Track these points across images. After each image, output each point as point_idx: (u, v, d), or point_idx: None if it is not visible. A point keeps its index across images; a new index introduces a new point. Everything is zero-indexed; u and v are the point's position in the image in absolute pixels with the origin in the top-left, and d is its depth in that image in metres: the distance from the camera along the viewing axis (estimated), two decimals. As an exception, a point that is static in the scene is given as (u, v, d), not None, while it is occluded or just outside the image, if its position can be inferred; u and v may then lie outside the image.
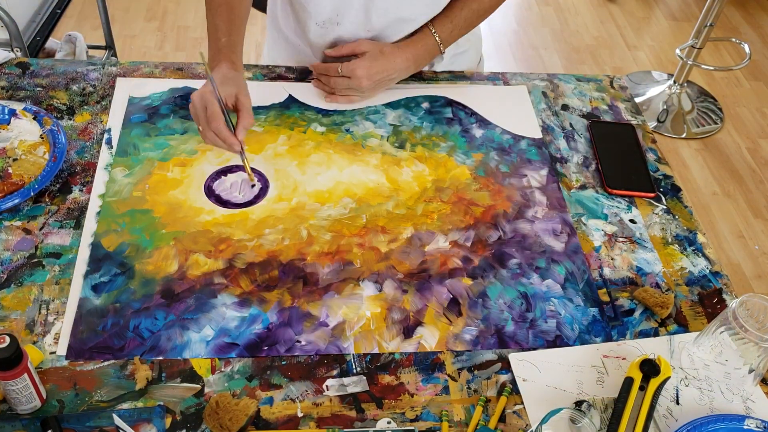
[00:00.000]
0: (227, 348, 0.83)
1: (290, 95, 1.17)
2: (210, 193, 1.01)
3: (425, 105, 1.19)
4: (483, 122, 1.17)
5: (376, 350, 0.85)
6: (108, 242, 0.93)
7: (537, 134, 1.16)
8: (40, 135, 1.04)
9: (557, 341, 0.88)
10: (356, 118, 1.15)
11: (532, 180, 1.08)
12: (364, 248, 0.96)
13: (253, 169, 1.04)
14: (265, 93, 1.17)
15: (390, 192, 1.04)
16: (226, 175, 1.03)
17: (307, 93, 1.18)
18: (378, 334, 0.87)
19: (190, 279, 0.90)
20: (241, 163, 1.03)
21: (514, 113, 1.20)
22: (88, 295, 0.87)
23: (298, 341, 0.85)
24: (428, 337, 0.87)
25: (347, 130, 1.13)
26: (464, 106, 1.19)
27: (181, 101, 1.14)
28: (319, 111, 1.15)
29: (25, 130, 1.04)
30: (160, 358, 0.82)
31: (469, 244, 0.98)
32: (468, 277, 0.94)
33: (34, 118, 1.06)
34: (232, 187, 1.02)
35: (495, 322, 0.89)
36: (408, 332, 0.87)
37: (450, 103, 1.20)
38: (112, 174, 1.01)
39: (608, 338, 0.89)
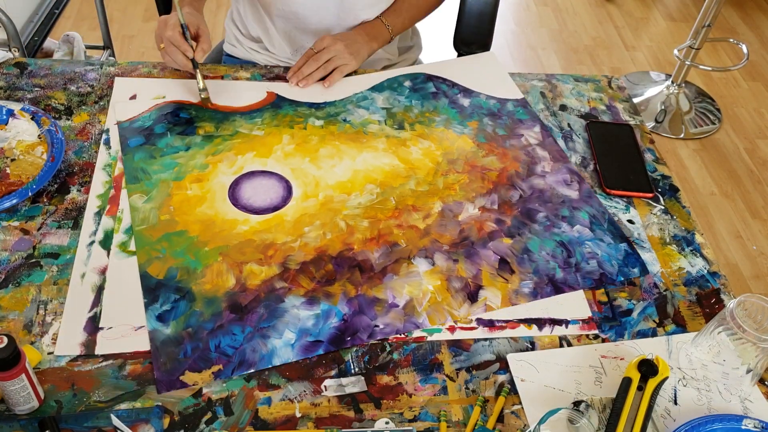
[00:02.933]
0: (312, 347, 0.84)
1: (278, 95, 1.18)
2: (237, 202, 1.00)
3: (408, 83, 1.23)
4: (466, 91, 1.23)
5: (449, 320, 0.89)
6: (155, 270, 0.91)
7: (518, 95, 1.23)
8: (38, 135, 1.04)
9: (603, 279, 0.95)
10: (348, 107, 1.17)
11: (529, 138, 1.15)
12: (403, 228, 0.99)
13: (274, 173, 1.05)
14: (245, 91, 1.19)
15: (407, 172, 1.07)
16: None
17: (291, 90, 1.20)
18: (446, 304, 0.90)
19: (252, 289, 0.90)
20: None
21: (490, 79, 1.26)
22: (156, 327, 0.85)
23: (377, 326, 0.87)
24: (492, 298, 0.91)
25: (345, 120, 1.15)
26: (444, 79, 1.25)
27: (172, 118, 1.13)
28: (311, 105, 1.17)
29: (22, 130, 1.04)
30: (252, 371, 0.82)
31: (496, 207, 1.03)
32: (507, 236, 0.99)
33: (32, 118, 1.05)
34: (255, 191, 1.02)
35: (545, 272, 0.95)
36: (473, 297, 0.91)
37: (429, 78, 1.24)
38: (132, 202, 0.99)
39: (644, 269, 0.97)
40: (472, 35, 1.40)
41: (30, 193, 0.96)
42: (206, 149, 1.08)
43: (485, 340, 0.88)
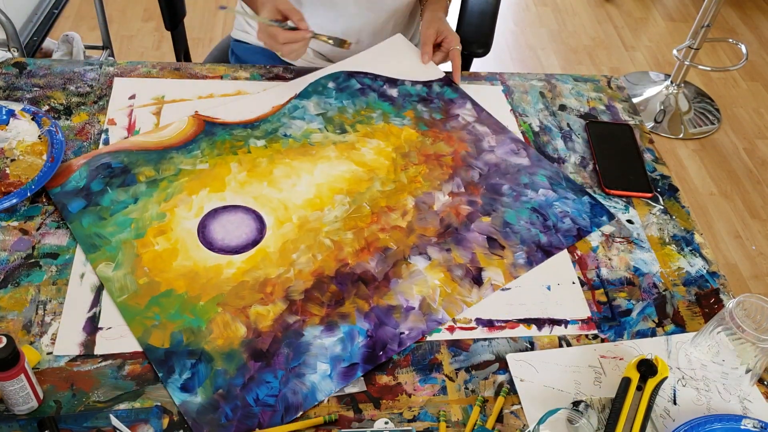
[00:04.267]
0: (350, 371, 0.82)
1: (206, 121, 1.11)
2: (212, 246, 0.94)
3: (331, 84, 1.21)
4: (390, 81, 1.22)
5: (464, 309, 0.90)
6: (157, 340, 0.84)
7: (440, 74, 1.24)
8: (39, 135, 1.04)
9: (580, 234, 1.01)
10: (283, 120, 1.13)
11: (465, 117, 1.17)
12: (387, 231, 0.98)
13: (239, 207, 0.99)
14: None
15: (368, 174, 1.06)
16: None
17: (217, 110, 1.14)
18: (457, 294, 0.92)
19: (267, 332, 0.85)
20: None
21: (407, 63, 1.26)
22: (184, 399, 0.79)
23: (402, 333, 0.87)
24: (495, 276, 0.94)
25: (285, 135, 1.11)
26: (365, 73, 1.24)
27: (105, 170, 1.02)
28: (245, 126, 1.11)
29: (23, 130, 1.04)
30: (300, 413, 0.78)
31: (463, 189, 1.05)
32: (484, 215, 1.01)
33: (32, 119, 1.05)
34: (226, 229, 0.97)
35: (531, 240, 0.99)
36: (477, 281, 0.93)
37: (351, 75, 1.23)
38: (101, 273, 0.90)
39: (610, 216, 1.03)
40: (473, 34, 1.40)
41: (29, 194, 0.96)
42: (155, 197, 0.99)
43: (484, 340, 0.88)
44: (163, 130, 1.10)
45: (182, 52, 1.62)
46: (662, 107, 2.67)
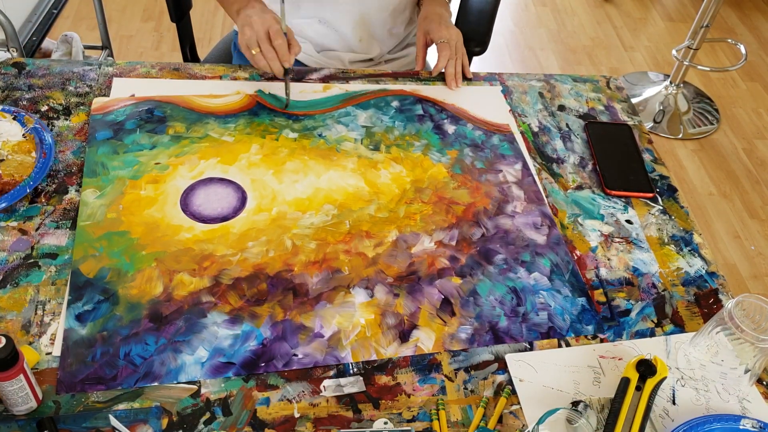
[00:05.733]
0: (223, 368, 0.82)
1: (258, 102, 1.16)
2: (186, 208, 0.98)
3: (395, 104, 1.19)
4: (454, 118, 1.18)
5: (374, 357, 0.84)
6: (87, 268, 0.89)
7: (509, 129, 1.18)
8: (23, 134, 1.03)
9: (550, 333, 0.89)
10: (327, 122, 1.14)
11: (507, 175, 1.09)
12: (351, 254, 0.95)
13: (232, 182, 1.02)
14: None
15: (370, 195, 1.03)
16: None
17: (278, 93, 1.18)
18: (374, 340, 0.86)
19: (177, 300, 0.87)
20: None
21: (484, 109, 1.21)
22: (72, 326, 0.83)
23: (295, 354, 0.84)
24: (425, 340, 0.87)
25: (320, 135, 1.12)
26: (434, 103, 1.21)
27: (146, 115, 1.11)
28: (290, 117, 1.14)
29: (5, 130, 1.03)
30: (155, 384, 0.80)
31: (454, 243, 0.98)
32: (457, 276, 0.94)
33: (14, 118, 1.05)
34: (208, 200, 0.99)
35: (488, 319, 0.90)
36: (404, 336, 0.87)
37: (419, 100, 1.21)
38: (84, 197, 0.97)
39: (599, 326, 0.90)
40: (471, 32, 1.39)
41: (28, 190, 0.95)
42: (171, 150, 1.06)
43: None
44: (219, 99, 1.16)
45: (188, 46, 1.57)
46: (661, 107, 2.68)
